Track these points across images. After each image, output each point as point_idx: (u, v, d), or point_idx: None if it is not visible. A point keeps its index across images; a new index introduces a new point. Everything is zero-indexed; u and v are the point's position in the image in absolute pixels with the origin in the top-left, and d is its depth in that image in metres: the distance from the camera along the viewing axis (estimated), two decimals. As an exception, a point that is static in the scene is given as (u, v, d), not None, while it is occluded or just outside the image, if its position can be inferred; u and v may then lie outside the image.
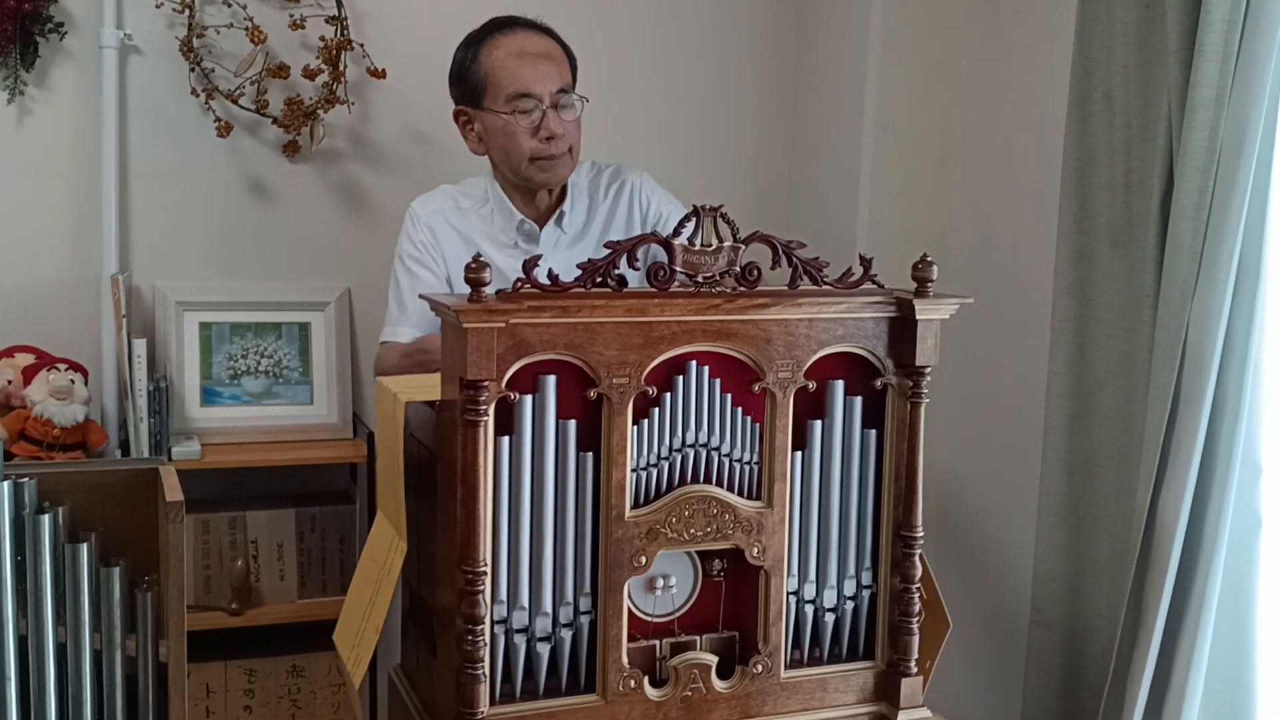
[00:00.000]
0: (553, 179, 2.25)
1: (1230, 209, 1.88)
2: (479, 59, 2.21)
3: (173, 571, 1.21)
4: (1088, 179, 2.17)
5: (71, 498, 1.28)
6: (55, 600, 1.23)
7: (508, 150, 2.21)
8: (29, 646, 1.23)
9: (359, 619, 1.72)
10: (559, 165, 2.23)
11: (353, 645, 1.73)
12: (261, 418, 2.74)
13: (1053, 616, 2.23)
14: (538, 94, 2.17)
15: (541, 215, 2.30)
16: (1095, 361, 2.18)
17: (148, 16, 2.62)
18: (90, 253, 2.64)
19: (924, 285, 1.64)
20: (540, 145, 2.19)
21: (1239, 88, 1.87)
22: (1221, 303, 1.89)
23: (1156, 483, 1.97)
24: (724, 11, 3.06)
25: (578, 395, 1.51)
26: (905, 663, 1.68)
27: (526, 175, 2.23)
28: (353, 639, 1.73)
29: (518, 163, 2.21)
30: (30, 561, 1.22)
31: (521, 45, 2.20)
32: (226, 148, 2.71)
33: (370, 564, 1.78)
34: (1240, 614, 1.96)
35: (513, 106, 2.17)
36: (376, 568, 1.74)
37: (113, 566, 1.25)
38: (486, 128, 2.22)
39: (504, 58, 2.19)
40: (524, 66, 2.18)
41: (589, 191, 2.34)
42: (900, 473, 1.68)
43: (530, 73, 2.18)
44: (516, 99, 2.17)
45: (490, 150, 2.26)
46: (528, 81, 2.17)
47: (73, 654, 1.24)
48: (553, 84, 2.19)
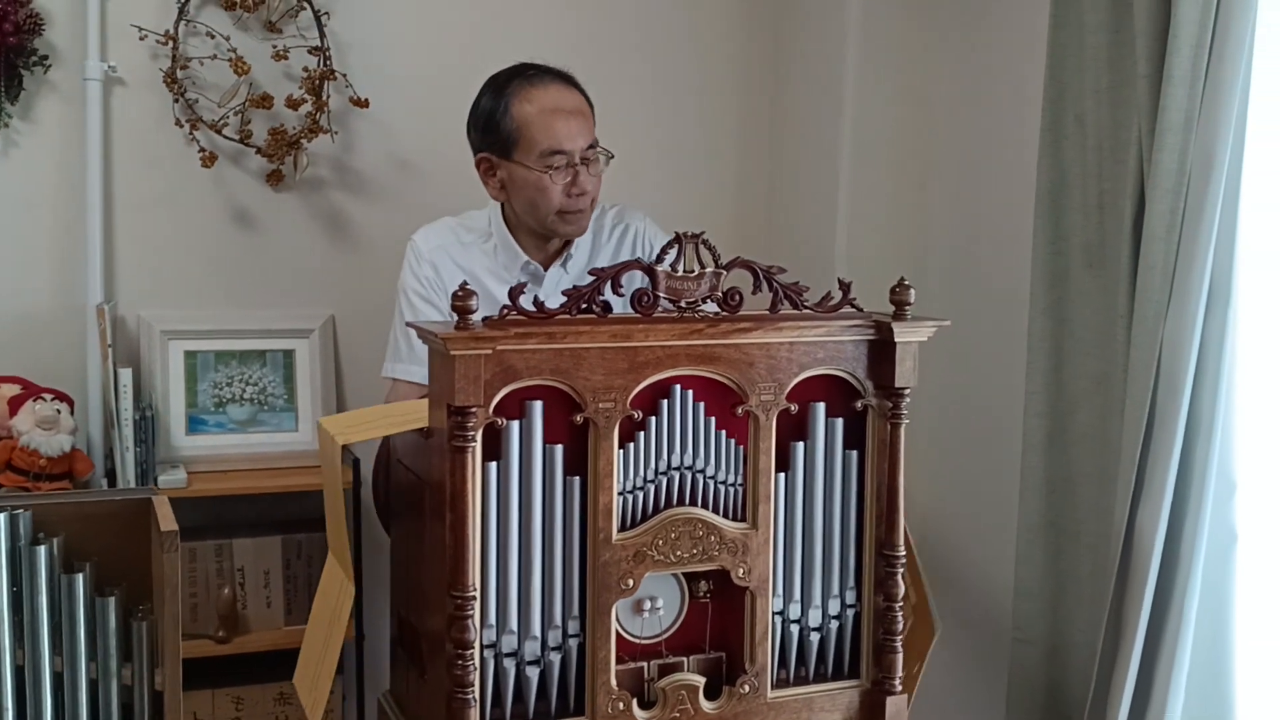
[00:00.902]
0: (575, 231, 2.26)
1: (1201, 229, 1.91)
2: (510, 111, 2.18)
3: (168, 601, 1.23)
4: (1061, 201, 2.20)
5: (65, 528, 1.30)
6: (51, 630, 1.25)
7: (536, 203, 2.21)
8: (26, 677, 1.24)
9: (315, 662, 1.73)
10: (583, 218, 2.24)
11: (311, 688, 1.74)
12: (247, 445, 2.75)
13: (1034, 633, 2.25)
14: (570, 150, 2.17)
15: (548, 257, 2.31)
16: (1072, 380, 2.21)
17: (131, 49, 2.64)
18: (75, 283, 2.65)
19: (902, 308, 1.67)
20: (569, 201, 2.19)
21: (1207, 111, 1.91)
22: (1194, 321, 1.92)
23: (1134, 499, 2.00)
24: (702, 38, 3.10)
25: (564, 420, 1.53)
26: (890, 681, 1.71)
27: (551, 227, 2.24)
28: (310, 682, 1.74)
29: (544, 215, 2.21)
30: (26, 592, 1.24)
31: (556, 101, 2.19)
32: (211, 177, 2.73)
33: (323, 606, 1.78)
34: (1218, 627, 1.99)
35: (546, 163, 2.17)
36: (329, 611, 1.75)
37: (108, 596, 1.26)
38: (514, 179, 2.21)
39: (538, 114, 2.18)
40: (558, 123, 2.17)
41: (593, 232, 2.34)
42: (881, 492, 1.71)
43: (564, 130, 2.17)
44: (550, 155, 2.16)
45: (513, 199, 2.25)
46: (562, 139, 2.17)
47: (69, 684, 1.25)
48: (583, 140, 2.19)
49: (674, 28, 3.07)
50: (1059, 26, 2.18)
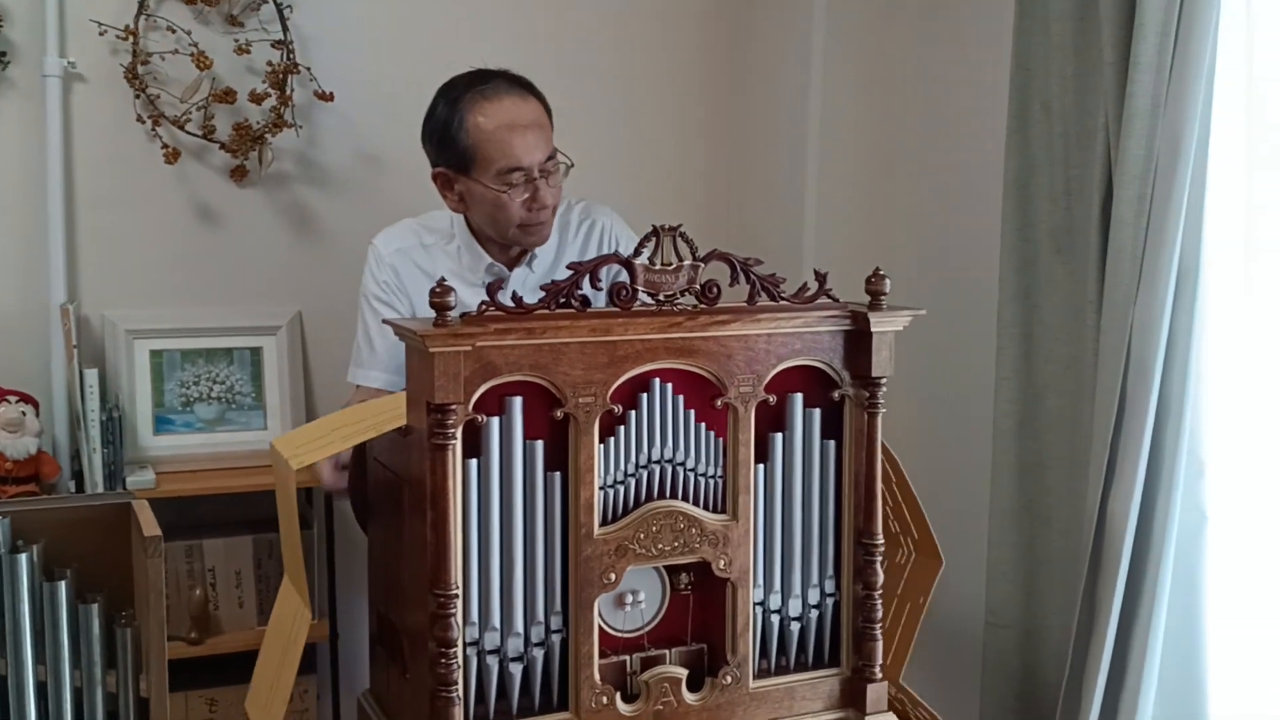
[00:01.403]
0: (537, 242, 2.23)
1: (1169, 214, 1.93)
2: (465, 127, 2.12)
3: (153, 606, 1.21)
4: (1029, 188, 2.21)
5: (44, 535, 1.28)
6: (34, 639, 1.23)
7: (495, 219, 2.18)
8: (9, 686, 1.23)
9: (269, 687, 1.71)
10: (545, 229, 2.21)
11: (263, 714, 1.72)
12: (215, 445, 2.73)
13: (1008, 617, 2.27)
14: (528, 166, 2.12)
15: (512, 259, 2.28)
16: (1042, 366, 2.22)
17: (91, 44, 2.60)
18: (38, 283, 2.62)
19: (877, 298, 1.67)
20: (529, 215, 2.16)
21: (1173, 97, 1.93)
22: (1163, 305, 1.94)
23: (1106, 482, 2.02)
24: (666, 31, 3.09)
25: (544, 415, 1.53)
26: (870, 669, 1.72)
27: (512, 239, 2.21)
28: (263, 707, 1.72)
29: (504, 229, 2.19)
30: (8, 601, 1.22)
31: (511, 116, 2.13)
32: (174, 174, 2.70)
33: (277, 632, 1.75)
34: (1190, 607, 2.02)
35: (504, 181, 2.12)
36: (284, 636, 1.73)
37: (90, 603, 1.25)
38: (472, 195, 2.17)
39: (495, 130, 2.12)
40: (515, 140, 2.11)
41: (559, 229, 2.31)
42: (859, 481, 1.71)
43: (521, 146, 2.12)
44: (508, 173, 2.12)
45: (473, 214, 2.22)
46: (519, 156, 2.11)
47: (53, 692, 1.23)
48: (541, 153, 2.14)
49: (638, 22, 3.07)
50: (1024, 14, 2.20)
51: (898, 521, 1.88)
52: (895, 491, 1.86)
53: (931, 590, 1.79)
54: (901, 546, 1.89)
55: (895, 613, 1.86)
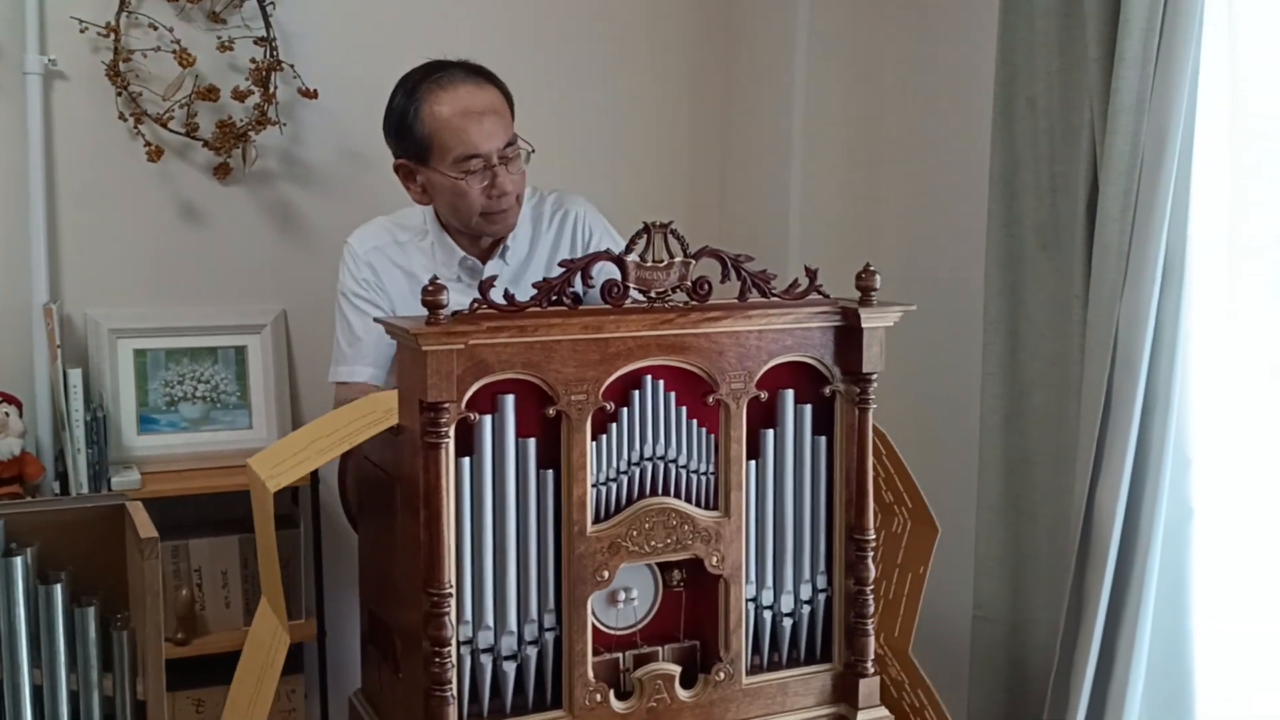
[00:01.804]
0: (501, 230, 2.23)
1: (1154, 210, 1.94)
2: (421, 116, 2.14)
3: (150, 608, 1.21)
4: (1014, 183, 2.22)
5: (38, 537, 1.27)
6: (30, 642, 1.22)
7: (457, 207, 2.18)
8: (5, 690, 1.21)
9: (245, 708, 1.69)
10: (508, 216, 2.21)
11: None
12: (200, 444, 2.71)
13: (995, 612, 2.28)
14: (486, 152, 2.13)
15: (484, 252, 2.28)
16: (1028, 361, 2.23)
17: (72, 41, 2.58)
18: (20, 282, 2.59)
19: (868, 294, 1.68)
20: (490, 202, 2.16)
21: (1159, 93, 1.94)
22: (1149, 301, 1.95)
23: (1093, 477, 2.03)
24: (653, 26, 3.09)
25: (536, 413, 1.53)
26: (862, 664, 1.72)
27: (476, 228, 2.21)
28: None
29: (467, 218, 2.19)
30: (2, 604, 1.21)
31: (465, 103, 2.14)
32: (157, 172, 2.68)
33: (254, 652, 1.73)
34: (1177, 601, 2.03)
35: (462, 169, 2.13)
36: (260, 656, 1.70)
37: (86, 606, 1.24)
38: (433, 184, 2.18)
39: (450, 117, 2.13)
40: (470, 127, 2.12)
41: (532, 220, 2.31)
42: (851, 477, 1.72)
43: (477, 132, 2.12)
44: (465, 160, 2.12)
45: (437, 204, 2.22)
46: (476, 142, 2.12)
47: (49, 696, 1.22)
48: (499, 140, 2.14)
49: (624, 17, 3.06)
50: (1009, 10, 2.20)
51: (891, 492, 1.88)
52: (886, 463, 1.87)
53: (930, 558, 1.80)
54: (897, 515, 1.90)
55: (898, 583, 1.86)
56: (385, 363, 2.22)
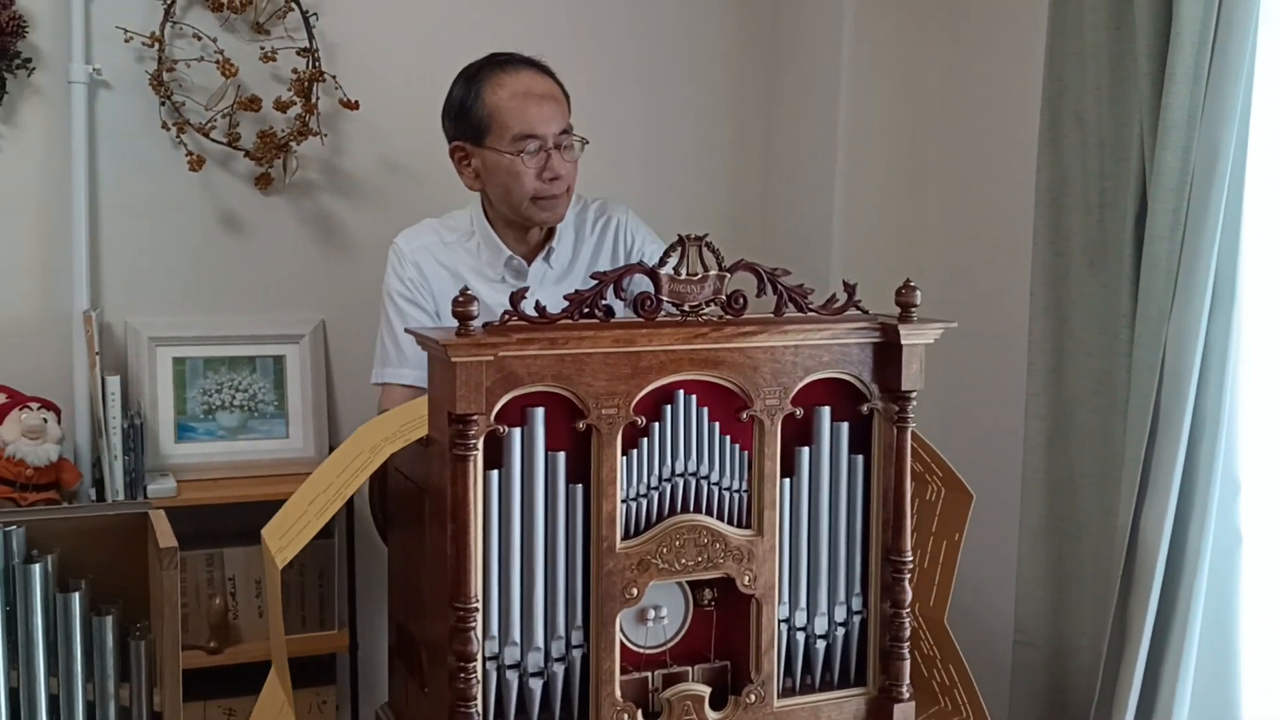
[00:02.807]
0: (551, 218, 2.25)
1: (1205, 228, 1.90)
2: (482, 97, 2.18)
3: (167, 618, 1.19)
4: (1062, 200, 2.18)
5: (59, 544, 1.26)
6: (47, 651, 1.21)
7: (510, 189, 2.19)
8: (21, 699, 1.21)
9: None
10: (558, 204, 2.22)
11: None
12: (237, 453, 2.71)
13: (1037, 636, 2.24)
14: (542, 135, 2.16)
15: (530, 251, 2.29)
16: (1073, 381, 2.19)
17: (117, 51, 2.59)
18: (61, 289, 2.60)
19: (908, 310, 1.64)
20: (543, 185, 2.18)
21: (1210, 109, 1.90)
22: (1198, 321, 1.91)
23: (1138, 501, 1.98)
24: (697, 38, 3.07)
25: (566, 427, 1.50)
26: (897, 688, 1.68)
27: (526, 214, 2.22)
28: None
29: (519, 201, 2.20)
30: (20, 612, 1.20)
31: (527, 85, 2.19)
32: (198, 181, 2.69)
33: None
34: (1224, 630, 1.98)
35: (518, 147, 2.15)
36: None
37: (104, 615, 1.23)
38: (487, 165, 2.20)
39: (509, 98, 2.17)
40: (530, 107, 2.16)
41: (575, 226, 2.33)
42: (888, 497, 1.68)
43: (536, 114, 2.16)
44: (522, 140, 2.15)
45: (489, 187, 2.24)
46: (533, 123, 2.16)
47: (65, 705, 1.21)
48: (556, 125, 2.18)
49: (668, 27, 3.05)
50: (1058, 24, 2.17)
51: (919, 462, 1.84)
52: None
53: (966, 525, 1.75)
54: (930, 484, 1.86)
55: (932, 551, 1.81)
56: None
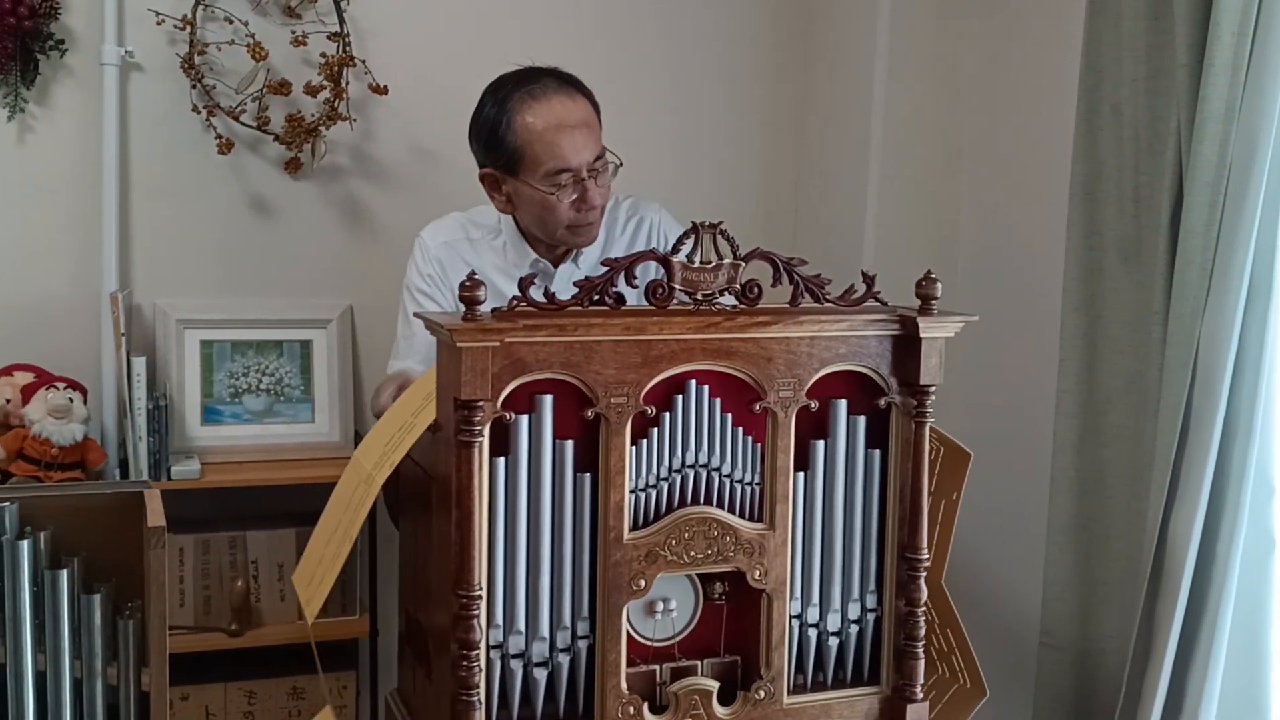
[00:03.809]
0: (585, 242, 2.20)
1: (1241, 224, 1.85)
2: (513, 128, 2.09)
3: (154, 598, 1.18)
4: (1096, 194, 2.14)
5: (54, 522, 1.26)
6: (35, 628, 1.21)
7: (544, 220, 2.15)
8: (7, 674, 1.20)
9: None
10: (593, 229, 2.18)
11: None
12: (263, 436, 2.72)
13: (1063, 639, 2.19)
14: (576, 167, 2.09)
15: (558, 255, 2.25)
16: (1105, 379, 2.14)
17: (149, 33, 2.60)
18: (90, 270, 2.62)
19: (928, 303, 1.61)
20: (578, 216, 2.13)
21: (1249, 101, 1.84)
22: (1233, 319, 1.86)
23: (1168, 502, 1.94)
24: (730, 28, 3.04)
25: (575, 415, 1.48)
26: (911, 688, 1.65)
27: (560, 240, 2.18)
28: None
29: (552, 231, 2.16)
30: (9, 588, 1.20)
31: (559, 116, 2.09)
32: (228, 165, 2.70)
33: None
34: (1253, 635, 1.93)
35: (552, 182, 2.09)
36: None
37: (94, 594, 1.22)
38: (520, 196, 2.14)
39: (543, 131, 2.08)
40: (563, 140, 2.08)
41: (606, 225, 2.27)
42: (905, 493, 1.65)
43: (569, 147, 2.08)
44: (556, 174, 2.09)
45: (520, 214, 2.19)
46: (568, 157, 2.08)
47: (52, 682, 1.21)
48: (590, 153, 2.10)
49: (702, 18, 3.02)
50: (1096, 13, 2.12)
51: None
52: None
53: (964, 484, 1.71)
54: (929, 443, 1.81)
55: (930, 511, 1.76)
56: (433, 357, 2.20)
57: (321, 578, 1.61)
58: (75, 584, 1.22)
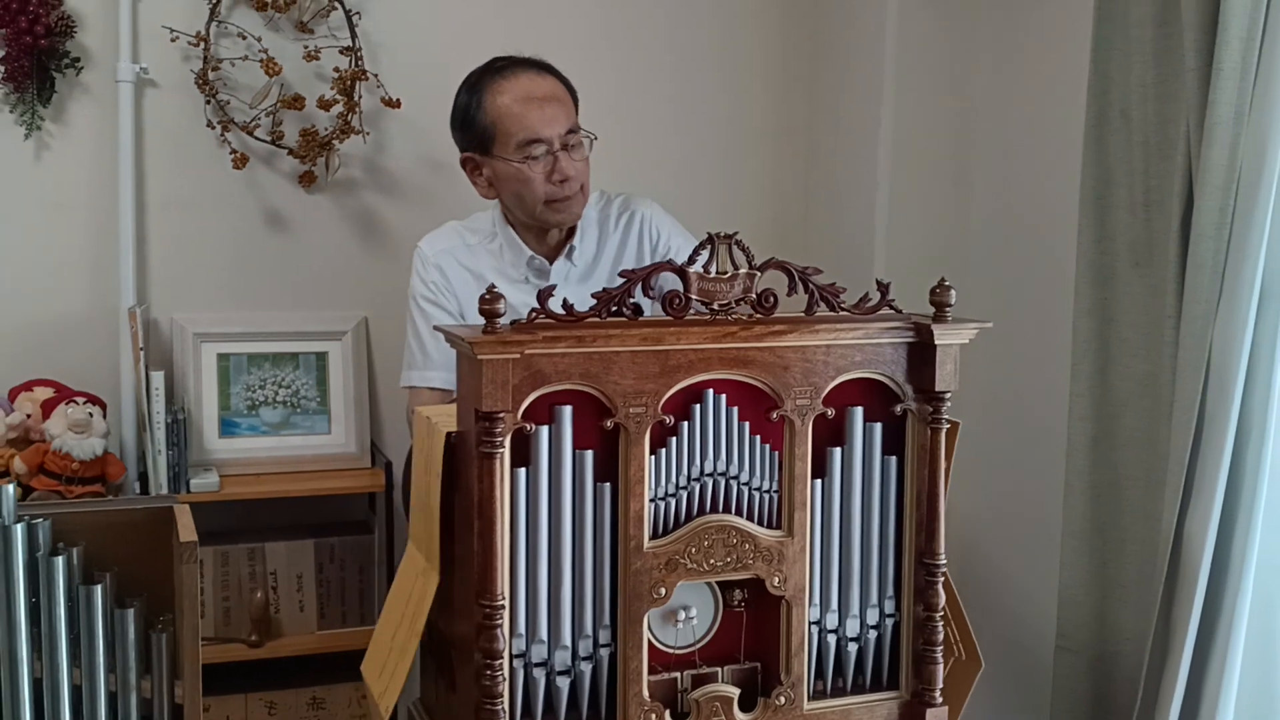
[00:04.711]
0: (567, 219, 2.25)
1: (1252, 227, 1.86)
2: (484, 106, 2.18)
3: (187, 612, 1.20)
4: (1107, 198, 2.15)
5: (85, 537, 1.28)
6: (70, 642, 1.22)
7: (522, 195, 2.20)
8: (44, 689, 1.22)
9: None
10: (573, 204, 2.22)
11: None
12: (280, 448, 2.74)
13: (1079, 641, 2.20)
14: (547, 138, 2.16)
15: (552, 251, 2.29)
16: (1118, 382, 2.15)
17: (163, 50, 2.63)
18: (108, 286, 2.65)
19: (942, 310, 1.62)
20: (554, 188, 2.18)
21: (1258, 105, 1.85)
22: (1245, 321, 1.87)
23: (1183, 504, 1.94)
24: (737, 35, 3.06)
25: (594, 425, 1.50)
26: (930, 693, 1.66)
27: (541, 218, 2.22)
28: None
29: (532, 206, 2.20)
30: (45, 604, 1.21)
31: (527, 89, 2.18)
32: (242, 179, 2.72)
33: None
34: (1269, 635, 1.94)
35: (524, 153, 2.16)
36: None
37: (127, 608, 1.24)
38: (497, 174, 2.21)
39: (510, 104, 2.16)
40: (532, 111, 2.16)
41: (598, 223, 2.32)
42: (922, 499, 1.66)
43: (538, 117, 2.16)
44: (527, 145, 2.15)
45: (502, 195, 2.25)
46: (537, 127, 2.15)
47: (88, 696, 1.22)
48: (561, 126, 2.17)
49: (707, 22, 3.04)
50: (1104, 20, 2.13)
51: None
52: None
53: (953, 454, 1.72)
54: None
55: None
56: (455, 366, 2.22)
57: (393, 670, 1.63)
58: (109, 599, 1.24)
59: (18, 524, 1.21)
